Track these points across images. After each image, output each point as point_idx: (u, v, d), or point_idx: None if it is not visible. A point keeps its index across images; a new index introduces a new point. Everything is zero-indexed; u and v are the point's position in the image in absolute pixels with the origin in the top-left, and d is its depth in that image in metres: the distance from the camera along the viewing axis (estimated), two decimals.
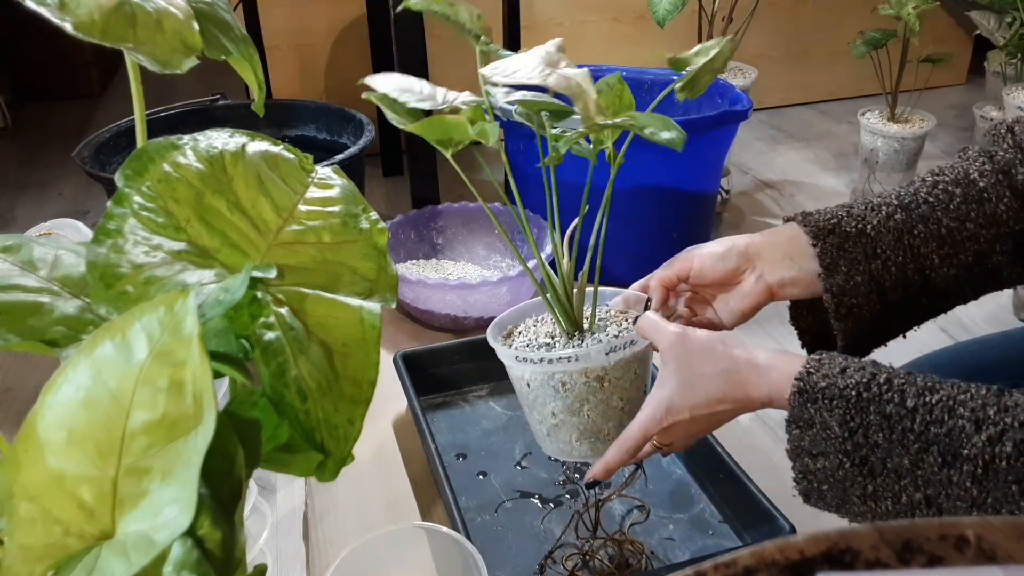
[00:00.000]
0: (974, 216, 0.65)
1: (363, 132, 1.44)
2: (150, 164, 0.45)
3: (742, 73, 1.75)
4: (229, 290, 0.38)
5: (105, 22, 0.44)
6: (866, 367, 0.58)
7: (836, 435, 0.57)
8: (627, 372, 0.70)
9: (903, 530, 0.28)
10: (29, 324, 0.44)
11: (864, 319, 0.67)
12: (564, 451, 0.72)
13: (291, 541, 0.89)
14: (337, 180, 0.53)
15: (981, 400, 0.54)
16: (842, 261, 0.66)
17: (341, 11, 1.85)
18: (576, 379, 0.69)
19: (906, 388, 0.56)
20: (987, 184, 0.65)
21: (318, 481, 0.43)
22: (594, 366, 0.68)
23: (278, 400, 0.41)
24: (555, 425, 0.71)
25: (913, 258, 0.66)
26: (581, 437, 0.71)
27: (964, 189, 0.65)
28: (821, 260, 0.66)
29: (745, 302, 0.70)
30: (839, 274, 0.66)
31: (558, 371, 0.69)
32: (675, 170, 1.30)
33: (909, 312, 0.69)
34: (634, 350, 0.69)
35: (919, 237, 0.65)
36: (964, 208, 0.65)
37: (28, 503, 0.34)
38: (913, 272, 0.66)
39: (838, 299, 0.66)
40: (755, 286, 0.70)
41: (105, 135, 1.41)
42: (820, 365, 0.59)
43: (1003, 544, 0.28)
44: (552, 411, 0.71)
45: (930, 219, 0.65)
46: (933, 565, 0.27)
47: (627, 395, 0.70)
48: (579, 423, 0.70)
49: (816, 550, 0.28)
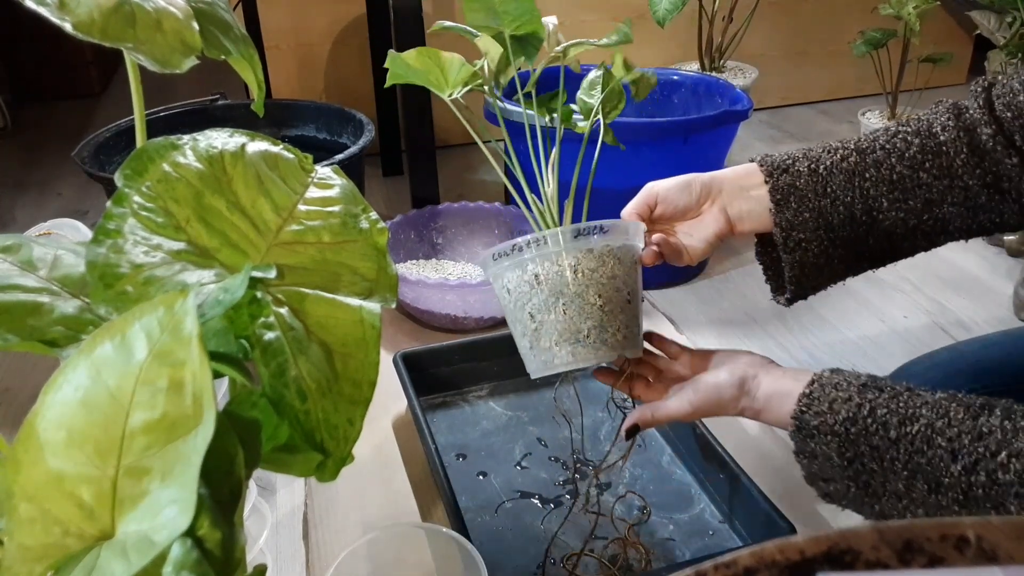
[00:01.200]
0: (928, 167, 0.68)
1: (363, 132, 1.44)
2: (150, 164, 0.45)
3: (742, 73, 1.75)
4: (229, 290, 0.38)
5: (105, 22, 0.44)
6: (852, 397, 0.61)
7: (837, 464, 0.60)
8: (602, 266, 0.69)
9: (904, 530, 0.28)
10: (29, 324, 0.44)
11: (811, 252, 0.71)
12: (547, 362, 0.70)
13: (291, 541, 0.89)
14: (337, 180, 0.53)
15: (957, 428, 0.56)
16: (792, 197, 0.70)
17: (341, 11, 1.85)
18: (548, 270, 0.69)
19: (888, 419, 0.58)
20: (947, 138, 0.67)
21: (318, 481, 0.43)
22: (563, 250, 0.68)
23: (278, 400, 0.41)
24: (535, 330, 0.70)
25: (862, 199, 0.69)
26: (560, 339, 0.69)
27: (923, 140, 0.68)
28: (772, 196, 0.71)
29: (708, 230, 0.74)
30: (788, 209, 0.70)
31: (529, 260, 0.69)
32: (675, 170, 1.30)
33: (857, 251, 0.72)
34: (607, 240, 0.69)
35: (870, 180, 0.69)
36: (919, 157, 0.68)
37: (28, 503, 0.34)
38: (861, 212, 0.70)
39: (786, 233, 0.70)
40: (716, 216, 0.74)
41: (105, 135, 1.41)
42: (811, 402, 0.62)
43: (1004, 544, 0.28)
44: (530, 313, 0.70)
45: (883, 164, 0.69)
46: (934, 565, 0.27)
47: (604, 293, 0.69)
48: (556, 321, 0.69)
49: (816, 550, 0.28)
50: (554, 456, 1.00)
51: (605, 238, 0.69)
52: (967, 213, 0.68)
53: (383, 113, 1.82)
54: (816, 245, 0.71)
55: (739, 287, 1.40)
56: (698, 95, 1.49)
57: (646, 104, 1.55)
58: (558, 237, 0.68)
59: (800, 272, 0.72)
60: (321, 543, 0.90)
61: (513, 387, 1.12)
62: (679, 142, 1.27)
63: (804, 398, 0.62)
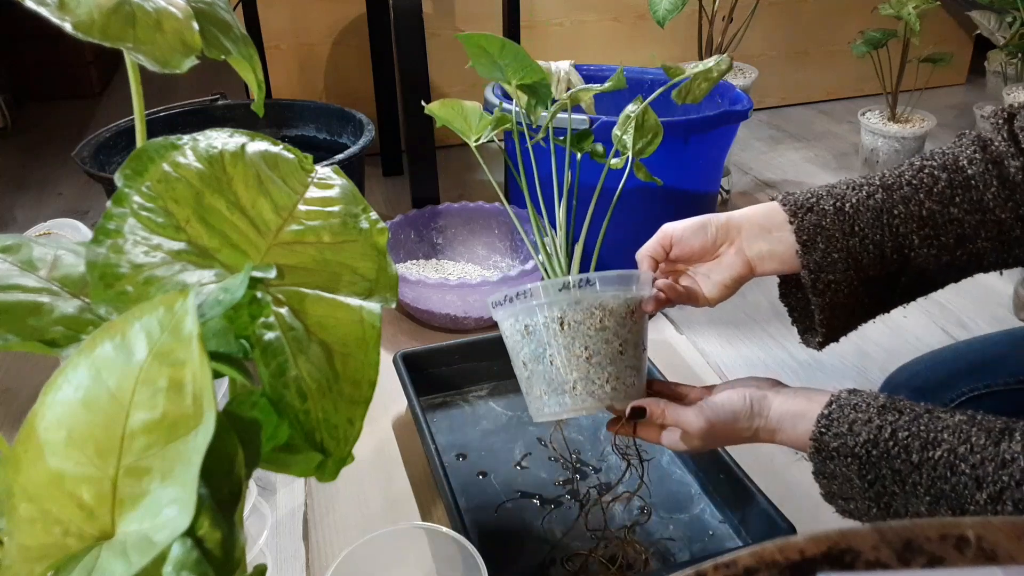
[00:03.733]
0: (959, 201, 0.65)
1: (363, 132, 1.44)
2: (150, 164, 0.45)
3: (742, 73, 1.75)
4: (229, 290, 0.38)
5: (105, 22, 0.44)
6: (872, 419, 0.59)
7: (858, 486, 0.59)
8: (589, 318, 0.69)
9: (904, 530, 0.28)
10: (29, 324, 0.44)
11: (842, 295, 0.68)
12: (539, 410, 0.71)
13: (291, 541, 0.89)
14: (337, 180, 0.53)
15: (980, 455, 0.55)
16: (819, 238, 0.67)
17: (341, 11, 1.85)
18: (536, 321, 0.69)
19: (910, 443, 0.57)
20: (975, 172, 0.65)
21: (318, 481, 0.43)
22: (549, 303, 0.68)
23: (278, 400, 0.41)
24: (528, 378, 0.71)
25: (892, 237, 0.67)
26: (548, 389, 0.69)
27: (951, 175, 0.66)
28: (798, 237, 0.67)
29: (726, 274, 0.71)
30: (816, 251, 0.67)
31: (520, 311, 0.69)
32: (675, 170, 1.30)
33: (889, 291, 0.70)
34: (596, 293, 0.69)
35: (899, 217, 0.66)
36: (949, 192, 0.66)
37: (28, 503, 0.34)
38: (892, 251, 0.67)
39: (815, 275, 0.68)
40: (734, 258, 0.71)
41: (105, 135, 1.41)
42: (830, 423, 0.61)
43: (1003, 544, 0.28)
44: (523, 361, 0.71)
45: (912, 200, 0.66)
46: (934, 565, 0.27)
47: (591, 345, 0.68)
48: (544, 372, 0.69)
49: (816, 550, 0.28)
50: (554, 456, 1.00)
51: (594, 290, 0.68)
52: (1001, 247, 0.66)
53: (383, 113, 1.82)
54: (846, 286, 0.68)
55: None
56: None
57: None
58: (544, 290, 0.68)
59: (831, 314, 0.69)
60: (321, 543, 0.90)
61: (513, 387, 1.12)
62: (679, 142, 1.27)
63: (823, 419, 0.61)
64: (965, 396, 0.79)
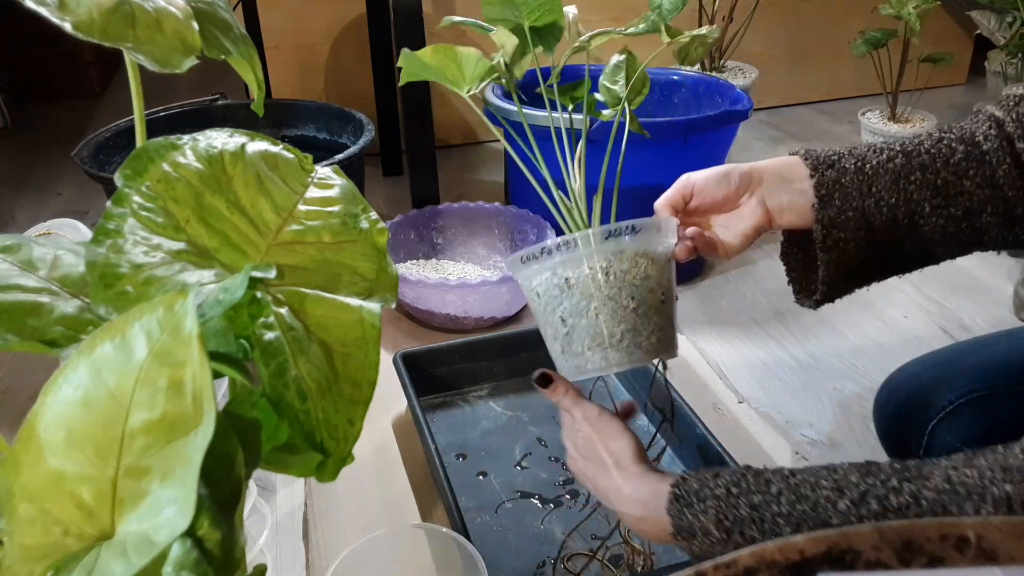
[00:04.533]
0: (972, 174, 0.66)
1: (363, 132, 1.44)
2: (150, 164, 0.45)
3: (742, 73, 1.75)
4: (229, 290, 0.38)
5: (104, 22, 0.44)
6: (738, 470, 0.61)
7: (717, 538, 0.59)
8: (635, 267, 0.67)
9: (904, 530, 0.28)
10: (29, 324, 0.44)
11: (849, 254, 0.69)
12: (579, 366, 0.68)
13: (291, 541, 0.89)
14: (337, 180, 0.53)
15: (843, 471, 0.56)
16: (836, 194, 0.68)
17: (341, 11, 1.85)
18: (579, 272, 0.66)
19: (771, 476, 0.58)
20: (991, 147, 0.66)
21: (318, 481, 0.43)
22: (594, 252, 0.66)
23: (278, 400, 0.41)
24: (567, 335, 0.68)
25: (905, 202, 0.67)
26: (592, 344, 0.67)
27: (967, 147, 0.67)
28: (816, 191, 0.68)
29: (747, 222, 0.71)
30: (832, 207, 0.68)
31: (559, 264, 0.67)
32: (675, 170, 1.30)
33: (893, 255, 0.70)
34: (639, 240, 0.67)
35: (915, 183, 0.67)
36: (964, 165, 0.66)
37: (27, 503, 0.34)
38: (903, 215, 0.68)
39: (827, 230, 0.68)
40: (756, 208, 0.70)
41: (104, 135, 1.41)
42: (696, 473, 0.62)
43: (1003, 544, 0.27)
44: (561, 317, 0.68)
45: (929, 168, 0.67)
46: (934, 565, 0.27)
47: (637, 295, 0.66)
48: (588, 326, 0.67)
49: (816, 550, 0.28)
50: (554, 456, 1.00)
51: (637, 238, 0.66)
52: (1004, 224, 0.67)
53: (383, 113, 1.82)
54: (855, 245, 0.68)
55: (739, 287, 1.40)
56: (698, 95, 1.49)
57: (646, 104, 1.55)
58: (589, 239, 0.66)
59: (836, 272, 0.70)
60: (321, 543, 0.90)
61: (513, 387, 1.12)
62: (679, 142, 1.27)
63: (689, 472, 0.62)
64: (965, 398, 0.79)
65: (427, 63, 0.79)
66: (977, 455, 0.53)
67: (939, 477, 0.52)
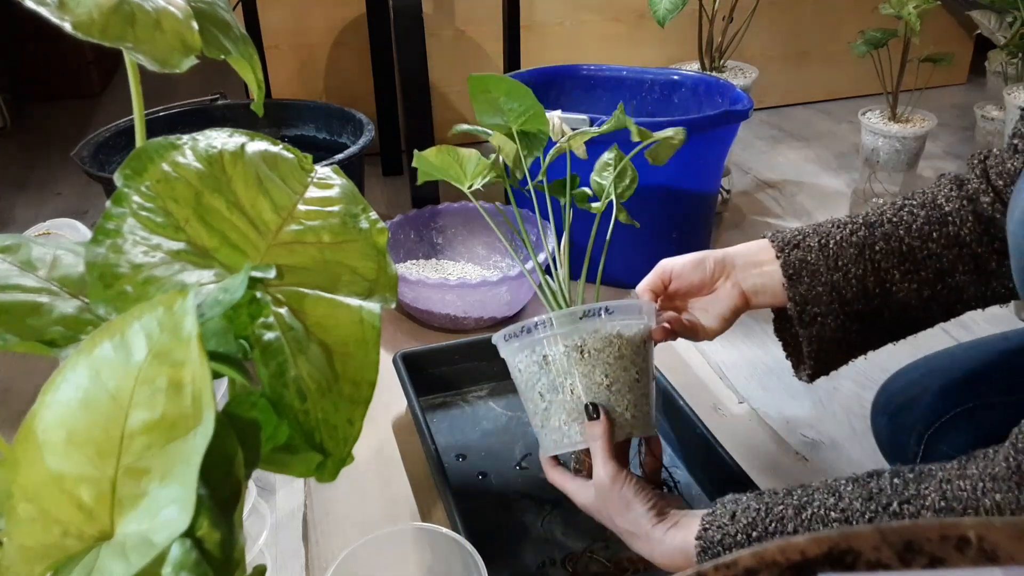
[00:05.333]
0: (936, 236, 0.69)
1: (363, 132, 1.44)
2: (149, 164, 0.45)
3: (742, 72, 1.74)
4: (228, 290, 0.38)
5: (104, 21, 0.44)
6: (751, 504, 0.62)
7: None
8: (608, 346, 0.70)
9: (905, 531, 0.28)
10: (28, 324, 0.44)
11: (828, 328, 0.72)
12: (557, 441, 0.72)
13: (290, 542, 0.89)
14: (336, 180, 0.53)
15: (848, 498, 0.58)
16: (804, 272, 0.71)
17: (341, 11, 1.85)
18: (556, 350, 0.71)
19: (784, 513, 0.60)
20: (952, 208, 0.69)
21: (317, 482, 0.43)
22: (570, 331, 0.70)
23: (277, 400, 0.41)
24: (545, 410, 0.72)
25: (874, 271, 0.70)
26: (569, 419, 0.71)
27: (928, 211, 0.70)
28: (785, 271, 0.72)
29: (724, 306, 0.75)
30: (802, 284, 0.71)
31: (538, 341, 0.71)
32: (676, 170, 1.30)
33: (875, 325, 0.73)
34: (613, 321, 0.71)
35: (880, 252, 0.70)
36: (927, 229, 0.69)
37: (27, 503, 0.34)
38: (874, 284, 0.71)
39: (801, 307, 0.72)
40: (731, 291, 0.75)
41: (104, 135, 1.41)
42: (714, 519, 0.63)
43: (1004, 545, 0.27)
44: (540, 392, 0.72)
45: (892, 236, 0.70)
46: (934, 566, 0.27)
47: (611, 372, 0.70)
48: (564, 401, 0.71)
49: (817, 551, 0.28)
50: None
51: (612, 318, 0.71)
52: (980, 280, 0.69)
53: (383, 113, 1.82)
54: (832, 319, 0.71)
55: None
56: (698, 95, 1.49)
57: (647, 104, 1.55)
58: (565, 318, 0.70)
59: (819, 347, 0.73)
60: (321, 543, 0.90)
61: (513, 387, 1.12)
62: None
63: (707, 517, 0.63)
64: (960, 407, 0.80)
65: (433, 162, 0.88)
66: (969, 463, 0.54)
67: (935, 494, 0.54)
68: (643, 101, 1.55)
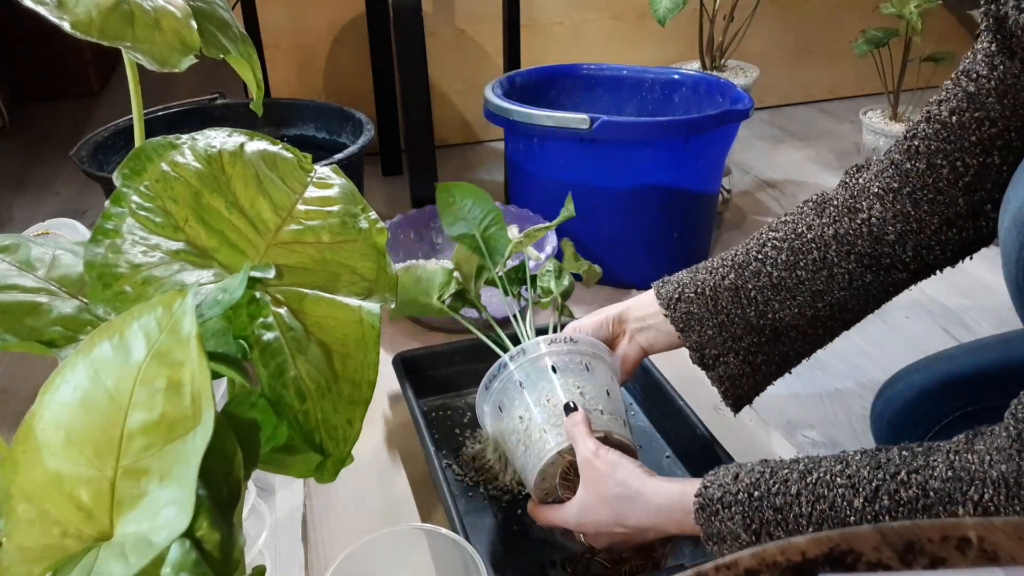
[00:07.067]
0: (803, 265, 0.72)
1: (362, 131, 1.44)
2: (148, 163, 0.45)
3: (743, 72, 1.74)
4: (227, 290, 0.38)
5: (103, 21, 0.44)
6: (755, 468, 0.63)
7: (745, 541, 0.62)
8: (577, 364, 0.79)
9: (905, 531, 0.28)
10: (27, 324, 0.44)
11: (731, 364, 0.77)
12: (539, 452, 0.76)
13: (290, 542, 0.89)
14: (336, 179, 0.53)
15: (855, 465, 0.58)
16: (692, 321, 0.77)
17: (340, 10, 1.85)
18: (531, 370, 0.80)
19: (789, 476, 0.61)
20: (814, 235, 0.72)
21: (317, 482, 0.43)
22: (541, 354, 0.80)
23: (277, 401, 0.41)
24: (525, 430, 0.78)
25: (753, 307, 0.75)
26: (547, 424, 0.77)
27: (791, 243, 0.73)
28: (676, 325, 0.78)
29: (626, 361, 0.83)
30: (693, 332, 0.77)
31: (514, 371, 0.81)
32: (676, 170, 1.30)
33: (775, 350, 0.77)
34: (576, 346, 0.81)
35: (753, 289, 0.74)
36: (792, 259, 0.73)
37: (26, 504, 0.34)
38: (756, 318, 0.75)
39: (700, 353, 0.78)
40: (629, 347, 0.83)
41: (103, 134, 1.41)
42: (716, 477, 0.64)
43: (1005, 545, 0.27)
44: (519, 416, 0.79)
45: (760, 274, 0.74)
46: (935, 566, 0.27)
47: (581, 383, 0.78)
48: (541, 411, 0.77)
49: (818, 551, 0.28)
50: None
51: (576, 347, 0.81)
52: (860, 293, 0.72)
53: (383, 113, 1.82)
54: (732, 356, 0.77)
55: None
56: (699, 94, 1.49)
57: (647, 103, 1.55)
58: (537, 344, 0.81)
59: (730, 384, 0.78)
60: (320, 544, 0.90)
61: None
62: (680, 141, 1.27)
63: (709, 476, 0.65)
64: (960, 411, 0.80)
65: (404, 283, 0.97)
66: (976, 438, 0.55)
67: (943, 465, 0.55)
68: (643, 100, 1.55)
